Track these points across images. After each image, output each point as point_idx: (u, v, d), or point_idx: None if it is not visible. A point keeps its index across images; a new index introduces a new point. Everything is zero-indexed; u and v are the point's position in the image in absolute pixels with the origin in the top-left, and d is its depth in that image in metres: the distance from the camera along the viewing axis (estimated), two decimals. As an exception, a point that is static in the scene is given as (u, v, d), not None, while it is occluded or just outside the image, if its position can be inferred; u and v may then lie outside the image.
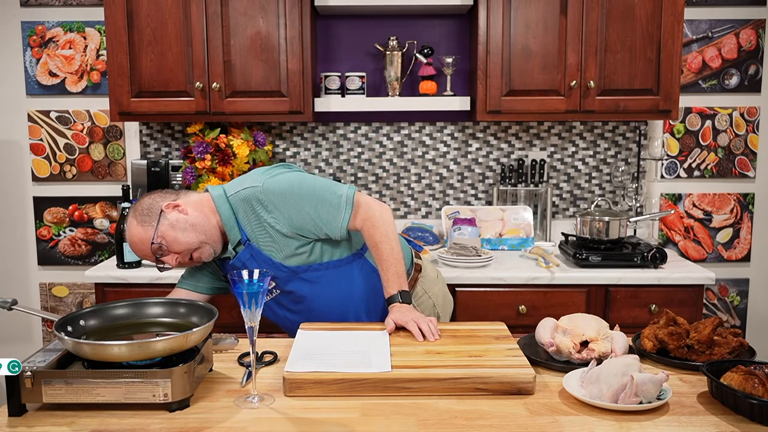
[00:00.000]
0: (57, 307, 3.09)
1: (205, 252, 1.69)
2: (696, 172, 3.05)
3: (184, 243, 1.65)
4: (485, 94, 2.65)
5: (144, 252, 1.68)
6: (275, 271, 1.71)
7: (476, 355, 1.44)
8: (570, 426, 1.19)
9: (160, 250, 1.66)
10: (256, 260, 1.71)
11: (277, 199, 1.68)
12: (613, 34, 2.60)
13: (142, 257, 1.72)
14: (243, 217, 1.70)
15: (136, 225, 1.67)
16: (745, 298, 3.11)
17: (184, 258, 1.68)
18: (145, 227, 1.66)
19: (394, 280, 1.69)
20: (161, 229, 1.65)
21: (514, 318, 2.43)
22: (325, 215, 1.69)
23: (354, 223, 1.72)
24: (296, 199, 1.68)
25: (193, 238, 1.66)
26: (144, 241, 1.66)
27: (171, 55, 2.61)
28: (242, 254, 1.72)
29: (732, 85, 3.00)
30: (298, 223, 1.68)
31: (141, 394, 1.23)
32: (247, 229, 1.70)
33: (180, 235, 1.65)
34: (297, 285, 1.75)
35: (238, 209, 1.70)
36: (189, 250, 1.67)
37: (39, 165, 3.04)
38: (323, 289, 1.76)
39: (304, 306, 1.77)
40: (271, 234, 1.69)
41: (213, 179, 2.67)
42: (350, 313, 1.80)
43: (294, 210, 1.68)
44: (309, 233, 1.70)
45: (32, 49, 2.97)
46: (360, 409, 1.26)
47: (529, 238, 2.85)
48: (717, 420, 1.21)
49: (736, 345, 1.49)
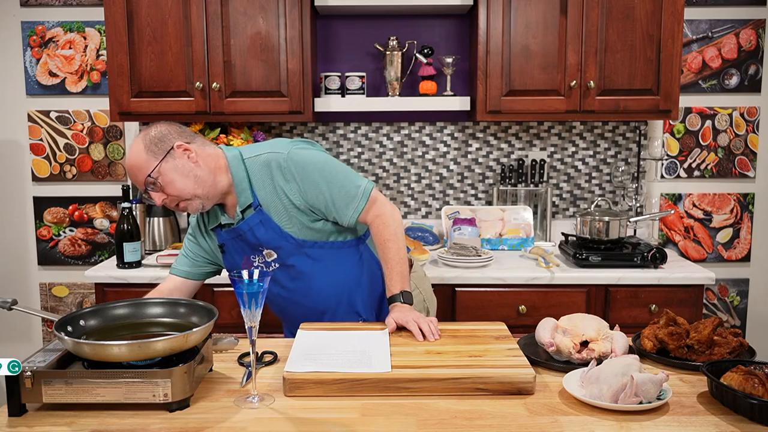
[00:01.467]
0: (57, 307, 3.09)
1: (193, 205, 1.66)
2: (696, 172, 3.05)
3: (179, 189, 1.62)
4: (485, 94, 2.65)
5: (136, 179, 1.63)
6: (282, 242, 1.70)
7: (476, 355, 1.44)
8: (570, 426, 1.19)
9: (153, 184, 1.62)
10: (265, 227, 1.70)
11: (299, 170, 1.66)
12: (613, 34, 2.60)
13: (133, 182, 1.67)
14: (257, 182, 1.68)
15: (142, 150, 1.61)
16: (745, 298, 3.11)
17: (171, 202, 1.65)
18: (149, 156, 1.60)
19: (398, 279, 1.70)
20: (164, 167, 1.61)
21: (514, 318, 2.43)
22: (339, 201, 1.68)
23: (365, 217, 1.72)
24: (317, 176, 1.67)
25: (189, 188, 1.63)
26: (142, 170, 1.61)
27: (171, 55, 2.61)
28: (251, 219, 1.70)
29: (732, 85, 3.00)
30: (312, 200, 1.68)
31: (141, 394, 1.23)
32: (260, 195, 1.69)
33: (179, 180, 1.62)
34: (299, 259, 1.73)
35: (254, 173, 1.68)
36: (180, 197, 1.64)
37: (39, 165, 3.04)
38: (323, 268, 1.75)
39: (299, 284, 1.76)
40: (284, 203, 1.68)
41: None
42: (344, 298, 1.78)
43: (311, 186, 1.67)
44: (319, 213, 1.70)
45: (32, 49, 2.97)
46: (360, 409, 1.26)
47: (529, 238, 2.85)
48: (717, 420, 1.21)
49: (736, 345, 1.49)
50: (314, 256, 1.74)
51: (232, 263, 1.77)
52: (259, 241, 1.71)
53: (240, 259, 1.75)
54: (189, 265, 1.85)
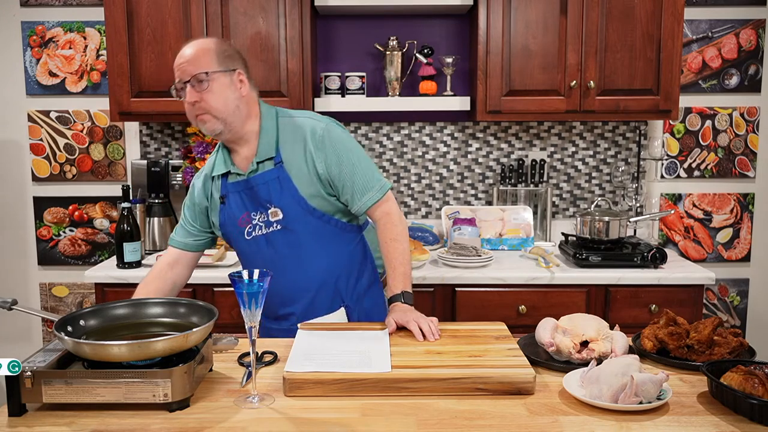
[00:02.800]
0: (57, 307, 3.09)
1: (214, 125, 1.66)
2: (696, 172, 3.05)
3: (216, 104, 1.64)
4: (485, 94, 2.65)
5: (186, 67, 1.63)
6: (293, 204, 1.70)
7: (476, 355, 1.44)
8: (570, 426, 1.19)
9: (200, 82, 1.62)
10: (281, 185, 1.70)
11: (332, 144, 1.70)
12: (613, 34, 2.60)
13: (178, 67, 1.65)
14: (285, 140, 1.71)
15: (211, 50, 1.65)
16: (745, 298, 3.11)
17: (197, 110, 1.64)
18: (213, 58, 1.64)
19: (401, 279, 1.70)
20: (219, 77, 1.64)
21: (514, 318, 2.43)
22: (358, 186, 1.72)
23: (375, 210, 1.74)
24: (346, 156, 1.71)
25: (223, 110, 1.65)
26: (200, 63, 1.63)
27: (171, 55, 2.59)
28: (268, 173, 1.71)
29: (732, 85, 3.00)
30: (335, 174, 1.70)
31: (141, 394, 1.23)
32: (285, 153, 1.71)
33: (221, 98, 1.64)
34: (304, 226, 1.72)
35: (284, 131, 1.72)
36: (210, 111, 1.64)
37: (39, 165, 3.04)
38: (323, 243, 1.75)
39: (294, 252, 1.73)
40: (309, 168, 1.70)
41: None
42: (330, 282, 1.77)
43: (339, 162, 1.70)
44: (336, 190, 1.73)
45: (32, 49, 2.97)
46: (360, 409, 1.26)
47: (529, 238, 2.85)
48: (717, 420, 1.21)
49: (736, 345, 1.49)
50: (318, 228, 1.74)
51: (229, 217, 1.75)
52: (270, 197, 1.71)
53: (239, 213, 1.74)
54: (185, 235, 1.85)
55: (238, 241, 1.79)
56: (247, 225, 1.74)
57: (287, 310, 1.78)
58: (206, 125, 1.67)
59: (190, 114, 1.68)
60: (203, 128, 1.68)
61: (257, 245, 1.75)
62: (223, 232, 1.80)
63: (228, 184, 1.75)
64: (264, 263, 1.73)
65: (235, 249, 1.83)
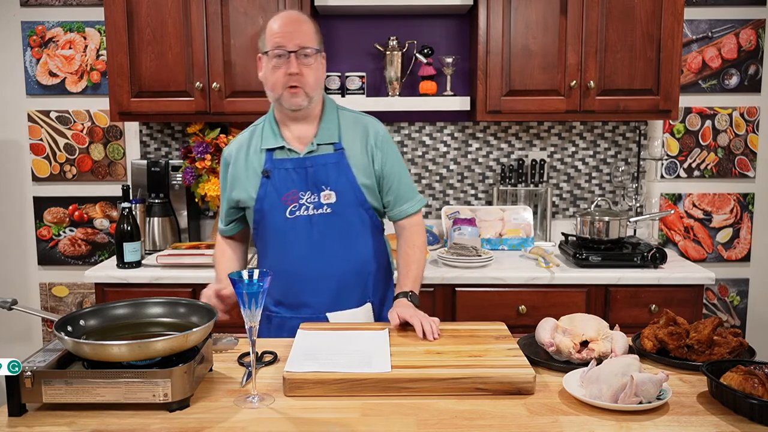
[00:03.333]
0: (57, 307, 3.10)
1: (300, 99, 1.70)
2: (696, 172, 3.05)
3: (313, 78, 1.70)
4: (485, 94, 2.65)
5: (298, 33, 1.68)
6: (348, 191, 1.74)
7: (476, 355, 1.44)
8: (570, 426, 1.19)
9: (306, 56, 1.68)
10: (339, 170, 1.74)
11: (389, 146, 1.82)
12: (613, 34, 2.60)
13: (287, 32, 1.68)
14: (346, 130, 1.78)
15: (315, 28, 1.73)
16: (745, 298, 3.11)
17: (293, 80, 1.68)
18: (317, 38, 1.72)
19: (412, 280, 1.77)
20: (319, 57, 1.73)
21: (514, 318, 2.43)
22: (403, 192, 1.83)
23: (408, 220, 1.85)
24: (398, 161, 1.83)
25: (314, 87, 1.71)
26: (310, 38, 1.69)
27: (171, 55, 2.61)
28: (328, 156, 1.74)
29: (732, 85, 3.00)
30: (387, 174, 1.80)
31: (141, 394, 1.23)
32: (345, 142, 1.77)
33: (318, 74, 1.73)
34: (352, 214, 1.76)
35: (346, 121, 1.80)
36: (307, 84, 1.69)
37: (39, 165, 3.04)
38: (363, 236, 1.79)
39: (335, 238, 1.75)
40: (368, 160, 1.77)
41: (213, 179, 2.67)
42: (363, 275, 1.80)
43: (391, 164, 1.80)
44: (380, 189, 1.80)
45: (32, 49, 2.97)
46: (360, 409, 1.26)
47: (529, 238, 2.85)
48: (717, 420, 1.21)
49: (736, 345, 1.49)
50: (364, 219, 1.78)
51: (272, 192, 1.74)
52: (328, 179, 1.73)
53: (284, 189, 1.73)
54: (224, 222, 1.89)
55: (273, 218, 1.75)
56: (293, 203, 1.73)
57: (311, 298, 1.77)
58: (294, 98, 1.70)
59: (277, 82, 1.70)
60: (289, 100, 1.70)
61: (295, 225, 1.74)
62: (257, 207, 1.76)
63: (274, 160, 1.75)
64: (297, 244, 1.75)
65: (262, 227, 1.78)
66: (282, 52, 1.67)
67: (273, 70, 1.69)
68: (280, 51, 1.67)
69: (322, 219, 1.73)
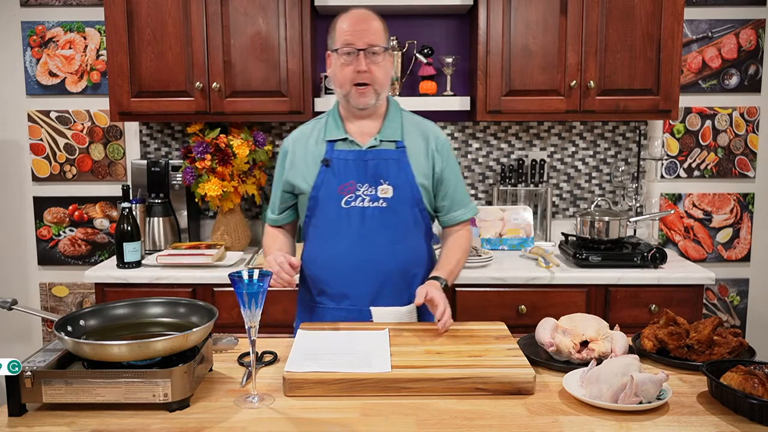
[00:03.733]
0: (57, 307, 3.10)
1: (369, 97, 1.74)
2: (696, 172, 3.05)
3: (382, 75, 1.74)
4: (485, 94, 2.65)
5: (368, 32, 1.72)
6: (406, 188, 1.77)
7: (476, 355, 1.44)
8: (570, 426, 1.19)
9: (372, 54, 1.72)
10: (399, 167, 1.77)
11: (449, 152, 1.86)
12: (613, 34, 2.60)
13: (358, 30, 1.72)
14: (409, 130, 1.82)
15: (384, 27, 1.78)
16: (745, 298, 3.11)
17: (361, 78, 1.72)
18: (385, 36, 1.77)
19: (448, 271, 1.79)
20: (388, 55, 1.77)
21: (514, 318, 2.43)
22: (458, 199, 1.87)
23: (459, 227, 1.89)
24: (456, 168, 1.88)
25: (383, 84, 1.75)
26: (380, 36, 1.74)
27: (171, 55, 2.61)
28: (390, 152, 1.77)
29: (732, 85, 3.00)
30: (445, 178, 1.83)
31: (141, 394, 1.23)
32: (407, 141, 1.80)
33: (386, 72, 1.76)
34: (406, 212, 1.78)
35: (408, 123, 1.83)
36: (375, 81, 1.73)
37: (39, 165, 3.04)
38: (414, 235, 1.81)
39: (386, 232, 1.76)
40: (428, 162, 1.80)
41: (213, 179, 2.67)
42: (409, 273, 1.81)
43: (449, 170, 1.84)
44: (435, 192, 1.84)
45: (32, 49, 2.97)
46: (360, 409, 1.26)
47: (529, 238, 2.85)
48: (717, 420, 1.21)
49: (735, 345, 1.49)
50: (417, 218, 1.81)
51: (329, 181, 1.77)
52: (387, 174, 1.76)
53: (342, 180, 1.76)
54: (277, 210, 1.91)
55: (327, 207, 1.78)
56: (349, 193, 1.76)
57: (353, 289, 1.78)
58: (362, 97, 1.74)
59: (346, 79, 1.74)
60: (357, 99, 1.74)
61: (349, 216, 1.77)
62: (313, 194, 1.79)
63: (336, 150, 1.78)
64: (348, 234, 1.77)
65: (315, 214, 1.81)
66: (351, 50, 1.71)
67: (342, 68, 1.73)
68: (350, 49, 1.71)
69: (376, 212, 1.76)
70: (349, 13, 1.76)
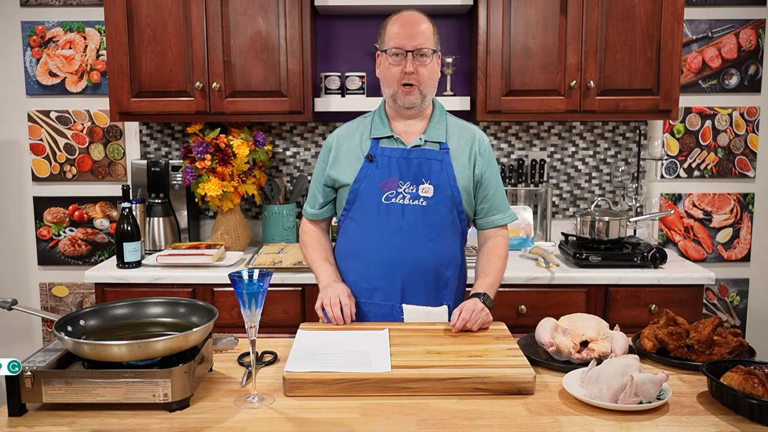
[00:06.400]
0: (57, 307, 3.10)
1: (415, 97, 1.77)
2: (696, 172, 3.05)
3: (428, 77, 1.77)
4: (485, 93, 2.65)
5: (418, 34, 1.75)
6: (446, 188, 1.79)
7: (476, 355, 1.44)
8: (570, 426, 1.19)
9: (420, 56, 1.74)
10: (441, 167, 1.79)
11: (491, 156, 1.88)
12: (613, 34, 2.60)
13: (409, 32, 1.75)
14: (453, 133, 1.85)
15: (434, 28, 1.79)
16: (745, 298, 3.11)
17: (408, 79, 1.75)
18: (434, 38, 1.78)
19: (488, 284, 1.80)
20: (435, 57, 1.79)
21: (514, 318, 2.43)
22: (497, 203, 1.88)
23: (496, 232, 1.90)
24: (497, 172, 1.89)
25: (429, 86, 1.79)
26: (429, 39, 1.76)
27: (171, 55, 2.61)
28: (433, 152, 1.80)
29: (732, 85, 3.00)
30: (485, 181, 1.85)
31: (141, 394, 1.23)
32: (451, 143, 1.83)
33: (432, 74, 1.79)
34: (445, 212, 1.79)
35: (453, 126, 1.87)
36: (421, 83, 1.76)
37: (39, 165, 3.04)
38: (450, 236, 1.82)
39: (423, 231, 1.78)
40: (470, 164, 1.83)
41: (213, 179, 2.67)
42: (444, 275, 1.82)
43: (490, 174, 1.86)
44: (475, 195, 1.85)
45: (32, 49, 2.97)
46: (360, 409, 1.26)
47: (529, 238, 2.85)
48: (717, 420, 1.21)
49: (735, 345, 1.49)
50: (455, 219, 1.82)
51: (372, 176, 1.79)
52: (430, 174, 1.78)
53: (385, 176, 1.78)
54: (318, 205, 1.93)
55: (367, 201, 1.80)
56: (390, 190, 1.78)
57: (384, 283, 1.80)
58: (409, 96, 1.77)
59: (393, 79, 1.77)
60: (403, 98, 1.77)
61: (388, 212, 1.78)
62: (354, 188, 1.81)
63: (380, 147, 1.81)
64: (385, 230, 1.79)
65: (354, 208, 1.83)
66: (400, 51, 1.75)
67: (390, 68, 1.77)
68: (398, 50, 1.75)
69: (415, 210, 1.78)
70: (399, 15, 1.80)
